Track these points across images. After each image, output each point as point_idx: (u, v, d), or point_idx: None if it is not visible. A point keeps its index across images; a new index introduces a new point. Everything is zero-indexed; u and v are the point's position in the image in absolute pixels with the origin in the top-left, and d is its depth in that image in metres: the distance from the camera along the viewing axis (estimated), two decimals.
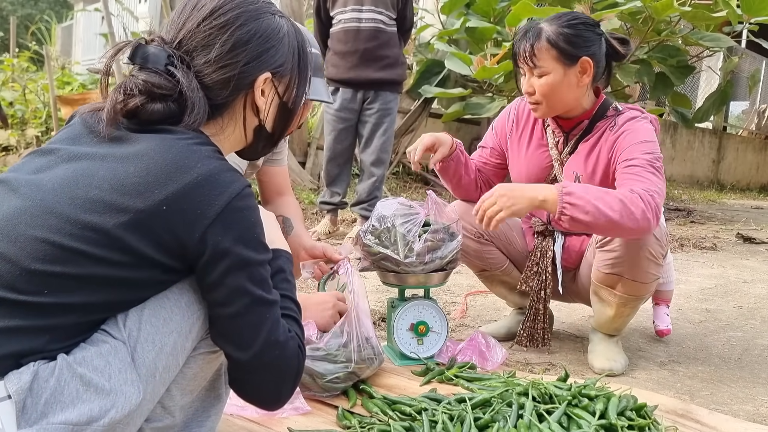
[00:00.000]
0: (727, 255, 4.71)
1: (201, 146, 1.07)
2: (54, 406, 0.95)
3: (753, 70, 7.97)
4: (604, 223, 1.71)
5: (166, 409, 1.11)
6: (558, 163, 2.09)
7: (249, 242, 1.05)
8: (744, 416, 1.73)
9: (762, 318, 2.86)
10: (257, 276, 1.06)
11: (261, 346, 1.07)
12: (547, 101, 1.98)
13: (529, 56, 1.94)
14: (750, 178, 13.65)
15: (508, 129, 2.21)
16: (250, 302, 1.06)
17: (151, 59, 1.09)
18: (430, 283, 1.95)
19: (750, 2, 5.12)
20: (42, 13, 15.49)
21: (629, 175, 1.85)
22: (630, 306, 2.01)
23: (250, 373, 1.10)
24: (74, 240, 0.98)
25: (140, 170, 1.01)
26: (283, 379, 1.11)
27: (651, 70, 5.61)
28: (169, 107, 1.08)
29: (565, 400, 1.47)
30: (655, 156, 1.88)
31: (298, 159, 6.48)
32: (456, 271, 2.08)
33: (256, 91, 1.17)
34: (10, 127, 6.47)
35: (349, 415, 1.53)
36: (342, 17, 4.08)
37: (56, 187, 1.02)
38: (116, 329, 1.03)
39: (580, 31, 1.94)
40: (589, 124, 2.04)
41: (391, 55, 4.11)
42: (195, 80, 1.10)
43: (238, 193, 1.04)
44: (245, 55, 1.13)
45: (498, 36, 5.59)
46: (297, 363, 1.12)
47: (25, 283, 0.96)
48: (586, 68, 1.96)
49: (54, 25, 11.64)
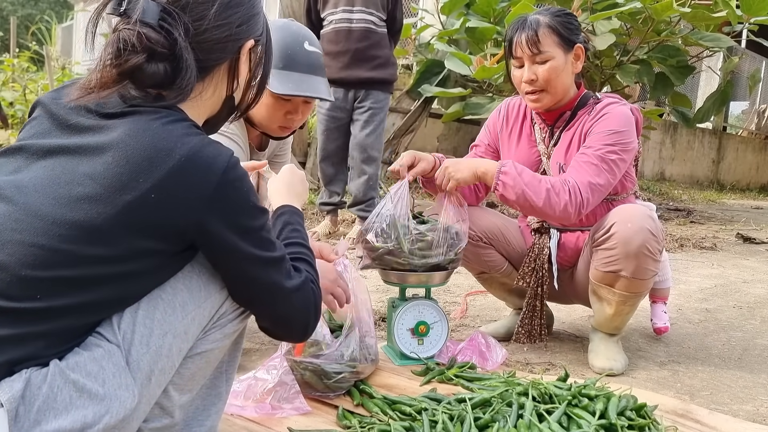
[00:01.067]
0: (727, 255, 4.72)
1: (175, 123, 1.03)
2: (47, 413, 0.93)
3: (753, 70, 7.97)
4: (528, 207, 1.89)
5: (165, 409, 1.10)
6: (546, 157, 2.12)
7: (245, 212, 1.05)
8: (744, 416, 1.73)
9: (762, 318, 2.87)
10: (259, 239, 1.08)
11: (281, 300, 1.12)
12: (550, 88, 2.00)
13: (533, 43, 1.97)
14: (750, 178, 13.65)
15: (499, 126, 2.23)
16: (259, 266, 1.08)
17: (142, 11, 1.00)
18: (432, 283, 1.95)
19: (749, 2, 5.12)
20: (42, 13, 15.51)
21: (576, 163, 1.95)
22: (629, 304, 2.01)
23: (276, 325, 1.18)
24: (63, 241, 0.95)
25: (119, 159, 0.97)
26: (306, 317, 1.17)
27: (651, 70, 5.61)
28: (166, 69, 1.02)
29: (565, 400, 1.47)
30: (614, 149, 1.93)
31: (298, 159, 6.49)
32: (456, 271, 2.08)
33: (242, 57, 1.13)
34: (10, 127, 6.48)
35: (350, 415, 1.53)
36: (333, 18, 4.12)
37: (38, 187, 0.98)
38: (111, 332, 1.01)
39: (570, 19, 2.04)
40: (571, 114, 2.08)
41: (382, 55, 4.15)
42: (187, 39, 1.04)
43: (225, 167, 1.02)
44: (239, 16, 1.10)
45: (498, 36, 5.59)
46: (314, 300, 1.17)
47: (17, 290, 0.94)
48: (579, 54, 2.03)
49: (54, 25, 11.65)
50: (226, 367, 1.23)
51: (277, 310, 1.14)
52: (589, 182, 1.89)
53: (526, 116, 2.19)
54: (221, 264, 1.08)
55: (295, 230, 1.29)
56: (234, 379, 1.29)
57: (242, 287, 1.11)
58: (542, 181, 1.88)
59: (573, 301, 2.29)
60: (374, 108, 4.17)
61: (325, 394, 1.66)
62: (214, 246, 1.05)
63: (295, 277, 1.14)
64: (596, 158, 1.92)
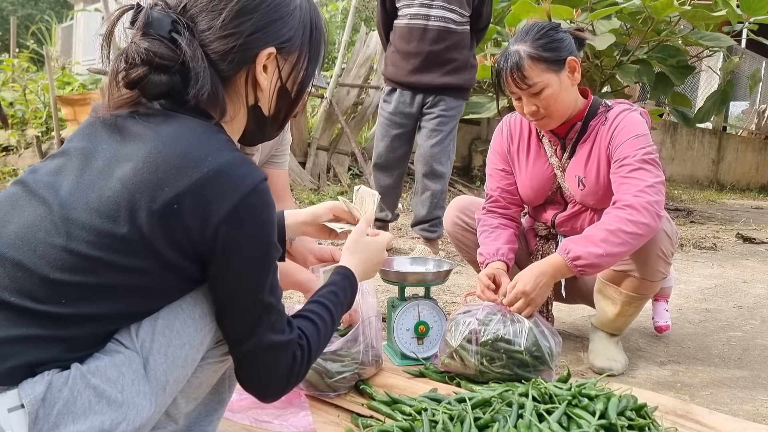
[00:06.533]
0: (727, 255, 4.72)
1: (212, 136, 1.02)
2: (66, 417, 0.93)
3: (753, 70, 7.96)
4: (621, 257, 1.83)
5: (171, 416, 1.10)
6: (560, 170, 2.08)
7: (256, 241, 1.02)
8: (744, 416, 1.73)
9: (762, 318, 2.86)
10: (262, 276, 1.04)
11: (254, 346, 1.06)
12: (552, 113, 1.96)
13: (521, 80, 1.91)
14: (750, 178, 13.64)
15: (506, 146, 2.20)
16: (247, 302, 1.04)
17: (155, 25, 1.02)
18: (431, 281, 1.96)
19: (749, 2, 5.12)
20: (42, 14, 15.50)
21: (622, 179, 1.88)
22: (634, 305, 2.01)
23: (242, 366, 1.10)
24: (92, 248, 0.95)
25: (150, 166, 0.97)
26: (269, 379, 1.10)
27: (651, 70, 5.61)
28: (173, 79, 1.02)
29: (565, 400, 1.47)
30: (648, 150, 1.90)
31: (298, 159, 6.48)
32: (456, 271, 2.08)
33: (258, 66, 1.09)
34: (10, 128, 6.48)
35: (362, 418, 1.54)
36: (408, 12, 3.62)
37: (72, 191, 0.99)
38: (129, 339, 1.00)
39: (551, 37, 1.93)
40: (582, 124, 2.03)
41: (459, 58, 3.65)
42: (199, 49, 1.03)
43: (251, 190, 0.99)
44: (251, 24, 1.06)
45: (498, 36, 5.59)
46: (290, 366, 1.10)
47: (43, 292, 0.94)
48: (574, 66, 1.96)
49: (54, 26, 11.64)
50: (230, 374, 1.22)
51: (245, 354, 1.07)
52: (649, 186, 1.82)
53: (531, 131, 2.15)
54: (215, 282, 1.04)
55: (332, 292, 1.23)
56: (236, 386, 1.27)
57: (224, 314, 1.06)
58: (609, 229, 1.78)
59: (576, 301, 2.29)
60: (444, 116, 3.65)
61: (325, 393, 1.66)
62: (216, 264, 1.01)
63: (282, 333, 1.08)
64: (640, 162, 1.87)
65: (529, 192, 2.15)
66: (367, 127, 7.33)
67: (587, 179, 2.01)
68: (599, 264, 1.78)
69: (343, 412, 1.61)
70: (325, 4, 10.86)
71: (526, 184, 2.15)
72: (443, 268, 1.98)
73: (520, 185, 2.18)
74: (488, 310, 1.81)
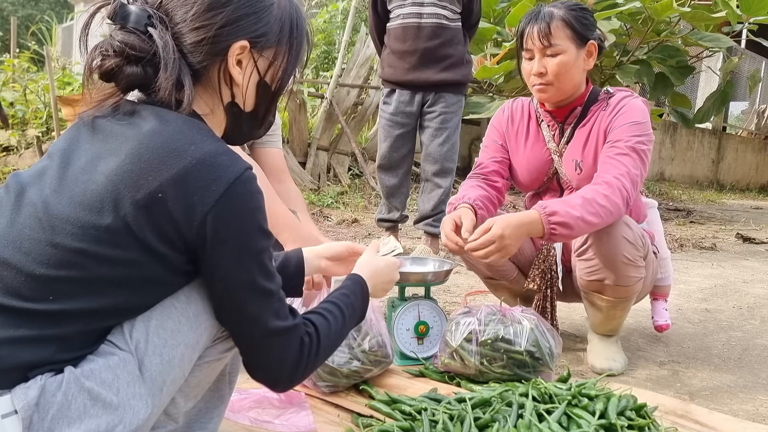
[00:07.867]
0: (727, 255, 4.72)
1: (194, 126, 1.03)
2: (60, 421, 0.92)
3: (753, 70, 7.98)
4: (591, 228, 1.82)
5: (170, 416, 1.10)
6: (557, 155, 2.10)
7: (247, 229, 1.01)
8: (744, 416, 1.73)
9: (762, 318, 2.87)
10: (255, 263, 1.03)
11: (260, 335, 1.06)
12: (558, 81, 1.97)
13: (545, 35, 1.94)
14: (749, 179, 13.65)
15: (505, 125, 2.21)
16: (246, 291, 1.03)
17: (132, 19, 1.04)
18: (431, 281, 1.96)
19: (749, 2, 5.13)
20: (43, 14, 15.51)
21: (607, 158, 1.91)
22: (620, 308, 2.01)
23: (250, 357, 1.10)
24: (77, 240, 0.95)
25: (132, 157, 0.97)
26: (280, 366, 1.09)
27: (651, 71, 5.62)
28: (146, 71, 1.04)
29: (565, 399, 1.47)
30: (642, 138, 1.92)
31: (299, 159, 6.48)
32: (456, 271, 2.08)
33: (230, 59, 1.08)
34: (10, 128, 6.48)
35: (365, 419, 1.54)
36: (401, 12, 3.65)
37: (56, 188, 0.99)
38: (123, 341, 1.00)
39: (586, 14, 2.00)
40: (582, 110, 2.05)
41: (455, 53, 3.68)
42: (172, 41, 1.04)
43: (236, 178, 0.99)
44: (222, 17, 1.06)
45: (498, 36, 5.59)
46: (297, 352, 1.09)
47: (30, 290, 0.94)
48: (592, 51, 2.00)
49: (54, 26, 11.63)
50: (230, 370, 1.22)
51: (252, 344, 1.08)
52: (628, 172, 1.86)
53: (531, 116, 2.17)
54: (209, 276, 1.03)
55: (342, 294, 1.24)
56: (236, 382, 1.28)
57: (224, 308, 1.06)
58: (586, 197, 1.80)
59: (575, 300, 2.29)
60: (446, 113, 3.68)
61: (321, 386, 1.67)
62: (209, 255, 1.01)
63: (286, 319, 1.08)
64: (628, 149, 1.89)
65: (526, 175, 2.15)
66: (367, 127, 7.33)
67: (584, 163, 2.02)
68: (572, 225, 1.75)
69: (343, 411, 1.61)
70: (325, 4, 10.86)
71: (523, 166, 2.15)
72: (443, 268, 1.99)
73: (517, 168, 2.18)
74: (488, 310, 1.81)
